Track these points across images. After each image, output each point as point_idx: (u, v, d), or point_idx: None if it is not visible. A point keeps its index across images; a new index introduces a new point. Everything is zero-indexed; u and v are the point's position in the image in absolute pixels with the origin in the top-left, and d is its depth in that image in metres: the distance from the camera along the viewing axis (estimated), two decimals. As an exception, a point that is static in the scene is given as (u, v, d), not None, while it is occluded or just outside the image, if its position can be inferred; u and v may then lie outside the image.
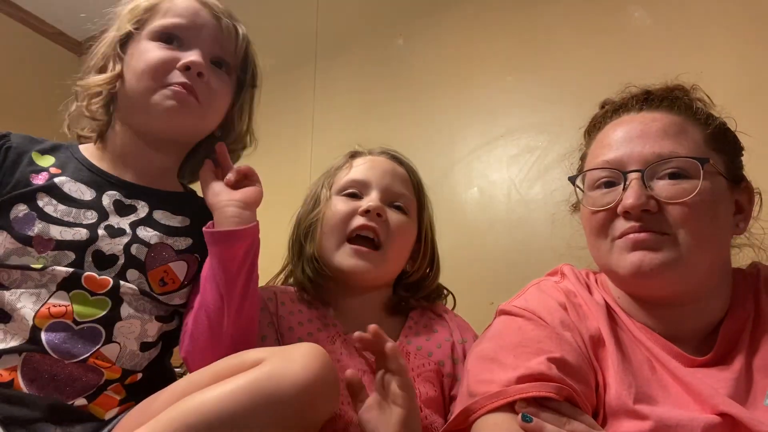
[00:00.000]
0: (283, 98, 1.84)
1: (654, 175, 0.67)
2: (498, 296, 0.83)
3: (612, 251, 0.69)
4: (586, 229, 0.75)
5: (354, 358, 0.80)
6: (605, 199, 0.70)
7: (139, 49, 0.78)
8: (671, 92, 0.75)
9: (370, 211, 0.82)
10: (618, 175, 0.69)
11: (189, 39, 0.79)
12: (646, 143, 0.68)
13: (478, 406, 0.63)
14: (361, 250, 0.82)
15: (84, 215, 0.74)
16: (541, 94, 1.38)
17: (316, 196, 0.90)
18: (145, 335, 0.74)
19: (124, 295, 0.72)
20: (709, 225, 0.66)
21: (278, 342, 0.79)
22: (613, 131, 0.73)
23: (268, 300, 0.83)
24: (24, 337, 0.67)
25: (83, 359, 0.68)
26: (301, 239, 0.87)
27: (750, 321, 0.68)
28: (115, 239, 0.73)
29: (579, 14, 1.37)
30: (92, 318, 0.70)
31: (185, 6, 0.80)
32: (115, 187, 0.78)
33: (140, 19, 0.80)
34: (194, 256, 0.80)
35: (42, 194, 0.73)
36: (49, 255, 0.70)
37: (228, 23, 0.81)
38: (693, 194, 0.65)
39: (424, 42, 1.61)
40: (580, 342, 0.68)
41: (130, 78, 0.78)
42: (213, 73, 0.80)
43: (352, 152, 0.93)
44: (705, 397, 0.61)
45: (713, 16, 1.20)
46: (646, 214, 0.66)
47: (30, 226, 0.70)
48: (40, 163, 0.77)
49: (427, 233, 0.91)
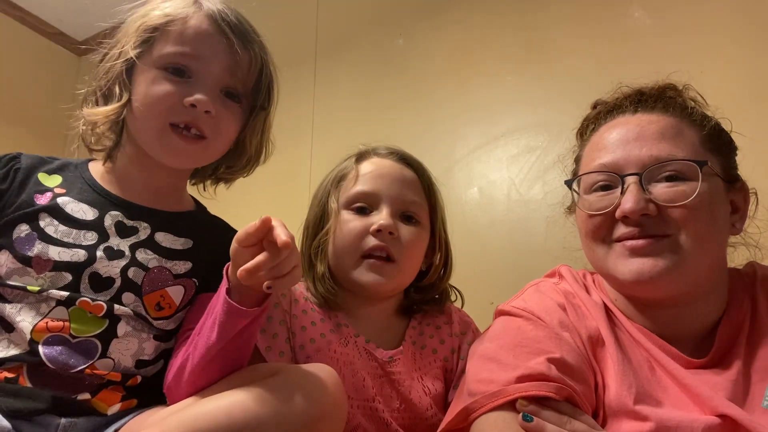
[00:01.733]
0: (283, 97, 1.83)
1: (652, 178, 0.67)
2: (498, 296, 0.84)
3: (609, 255, 0.69)
4: (581, 232, 0.75)
5: (366, 361, 0.81)
6: (602, 202, 0.70)
7: (147, 79, 0.75)
8: (664, 92, 0.75)
9: (381, 230, 0.80)
10: (615, 178, 0.69)
11: (198, 71, 0.75)
12: (644, 146, 0.68)
13: (478, 405, 0.63)
14: (376, 263, 0.81)
15: (84, 236, 0.73)
16: (541, 94, 1.38)
17: (324, 206, 0.87)
18: (142, 353, 0.74)
19: (120, 315, 0.72)
20: (708, 227, 0.66)
21: (289, 341, 0.79)
22: (608, 133, 0.73)
23: (281, 296, 0.83)
24: (24, 348, 0.68)
25: (80, 370, 0.68)
26: (312, 258, 0.85)
27: (747, 322, 0.68)
28: (112, 262, 0.73)
29: (579, 14, 1.37)
30: (89, 334, 0.70)
31: (197, 31, 0.75)
32: (118, 207, 0.78)
33: (146, 40, 0.75)
34: (192, 281, 0.79)
35: (44, 214, 0.73)
36: (46, 276, 0.70)
37: (239, 51, 0.77)
38: (692, 197, 0.64)
39: (424, 42, 1.61)
40: (579, 342, 0.68)
41: (138, 107, 0.75)
42: (222, 104, 0.77)
43: (358, 154, 0.90)
44: (704, 399, 0.61)
45: (713, 16, 1.20)
46: (645, 218, 0.66)
47: (30, 246, 0.70)
48: (46, 183, 0.77)
49: (440, 236, 0.90)
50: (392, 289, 0.85)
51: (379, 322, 0.86)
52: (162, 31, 0.76)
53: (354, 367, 0.79)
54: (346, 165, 0.89)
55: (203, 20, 0.76)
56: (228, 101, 0.79)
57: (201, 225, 0.84)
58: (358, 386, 0.78)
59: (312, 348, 0.79)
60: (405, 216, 0.84)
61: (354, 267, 0.81)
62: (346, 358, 0.79)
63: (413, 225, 0.84)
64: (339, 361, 0.79)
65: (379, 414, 0.77)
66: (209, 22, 0.76)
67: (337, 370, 0.73)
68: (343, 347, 0.80)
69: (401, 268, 0.82)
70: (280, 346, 0.78)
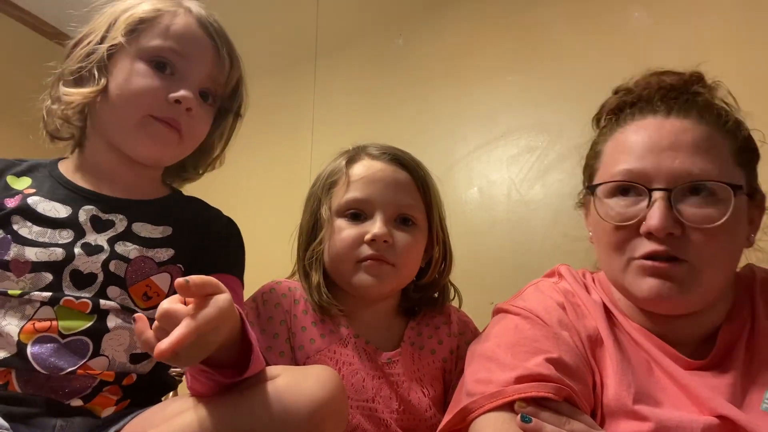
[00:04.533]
0: (283, 97, 1.84)
1: (682, 195, 0.63)
2: (498, 296, 0.83)
3: (628, 270, 0.67)
4: (600, 239, 0.71)
5: (365, 361, 0.81)
6: (625, 213, 0.66)
7: (129, 69, 0.74)
8: (692, 86, 0.70)
9: (376, 240, 0.79)
10: (642, 190, 0.65)
11: (183, 69, 0.76)
12: (676, 158, 0.63)
13: (477, 406, 0.63)
14: (374, 265, 0.80)
15: (60, 235, 0.72)
16: (541, 94, 1.38)
17: (316, 213, 0.86)
18: (135, 347, 0.72)
19: (107, 309, 0.71)
20: (728, 247, 0.65)
21: (289, 341, 0.79)
22: (636, 135, 0.68)
23: (282, 296, 0.82)
24: (11, 351, 0.66)
25: (71, 371, 0.67)
26: (306, 267, 0.85)
27: (747, 326, 0.67)
28: (92, 257, 0.72)
29: (579, 14, 1.37)
30: (79, 330, 0.69)
31: (185, 29, 0.76)
32: (91, 202, 0.76)
33: (134, 30, 0.75)
34: (177, 266, 0.77)
35: (16, 217, 0.71)
36: (26, 278, 0.69)
37: (225, 57, 0.78)
38: (721, 221, 0.62)
39: (424, 42, 1.61)
40: (578, 342, 0.68)
41: (115, 97, 0.74)
42: (199, 104, 0.78)
43: (348, 156, 0.87)
44: (703, 400, 0.61)
45: (713, 15, 1.20)
46: (669, 237, 0.63)
47: (6, 250, 0.69)
48: (15, 186, 0.75)
49: (438, 234, 0.88)
50: (391, 290, 0.85)
51: (379, 323, 0.86)
52: (150, 23, 0.76)
53: (353, 368, 0.79)
54: (337, 168, 0.87)
55: (193, 21, 0.77)
56: (203, 102, 0.79)
57: (179, 209, 0.83)
58: (358, 387, 0.78)
59: (312, 348, 0.79)
60: (401, 219, 0.83)
61: (352, 273, 0.81)
62: (345, 358, 0.79)
63: (409, 228, 0.83)
64: (338, 362, 0.79)
65: (378, 415, 0.77)
66: (198, 24, 0.77)
67: (337, 370, 0.73)
68: (342, 348, 0.80)
69: (399, 270, 0.82)
70: (281, 347, 0.78)
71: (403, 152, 0.87)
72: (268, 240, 0.90)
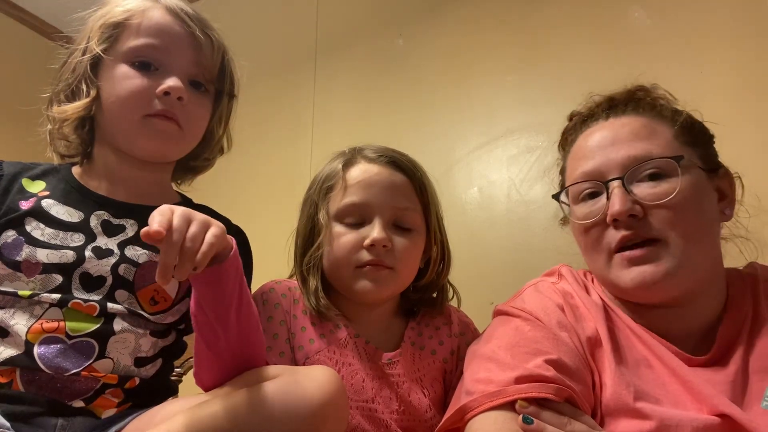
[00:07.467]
0: (283, 97, 1.84)
1: (634, 179, 0.68)
2: (498, 296, 0.84)
3: (611, 266, 0.70)
4: (580, 243, 0.76)
5: (365, 362, 0.80)
6: (592, 211, 0.71)
7: (115, 74, 0.75)
8: (634, 94, 0.76)
9: (375, 245, 0.79)
10: (599, 185, 0.71)
11: (165, 62, 0.76)
12: (620, 149, 0.70)
13: (476, 404, 0.63)
14: (373, 270, 0.80)
15: (71, 238, 0.73)
16: (541, 94, 1.38)
17: (313, 218, 0.85)
18: (139, 350, 0.73)
19: (114, 313, 0.72)
20: (697, 221, 0.67)
21: (289, 342, 0.79)
22: (585, 142, 0.75)
23: (281, 296, 0.82)
24: (19, 350, 0.67)
25: (76, 372, 0.68)
26: (304, 273, 0.84)
27: (748, 323, 0.68)
28: (102, 260, 0.73)
29: (579, 14, 1.37)
30: (85, 332, 0.69)
31: (157, 22, 0.77)
32: (103, 207, 0.77)
33: (110, 36, 0.76)
34: None
35: (30, 219, 0.72)
36: (37, 279, 0.70)
37: (201, 36, 0.78)
38: (675, 193, 0.66)
39: (424, 42, 1.61)
40: (577, 342, 0.68)
41: (109, 104, 0.76)
42: (191, 94, 0.78)
43: (345, 159, 0.85)
44: (704, 397, 0.61)
45: (713, 16, 1.20)
46: (633, 220, 0.67)
47: (18, 251, 0.70)
48: (30, 189, 0.76)
49: (436, 235, 0.88)
50: (391, 294, 0.85)
51: (379, 324, 0.86)
52: (124, 26, 0.76)
53: (353, 368, 0.79)
54: (333, 172, 0.85)
55: (163, 12, 0.78)
56: (196, 92, 0.80)
57: None
58: (357, 387, 0.78)
59: (311, 348, 0.79)
60: (398, 223, 0.83)
61: (351, 279, 0.81)
62: (345, 359, 0.79)
63: (407, 233, 0.83)
64: (338, 362, 0.79)
65: (378, 415, 0.77)
66: (168, 13, 0.78)
67: (337, 370, 0.73)
68: (342, 348, 0.80)
69: (398, 274, 0.82)
70: (281, 347, 0.78)
71: (399, 154, 0.87)
72: (268, 240, 0.90)
